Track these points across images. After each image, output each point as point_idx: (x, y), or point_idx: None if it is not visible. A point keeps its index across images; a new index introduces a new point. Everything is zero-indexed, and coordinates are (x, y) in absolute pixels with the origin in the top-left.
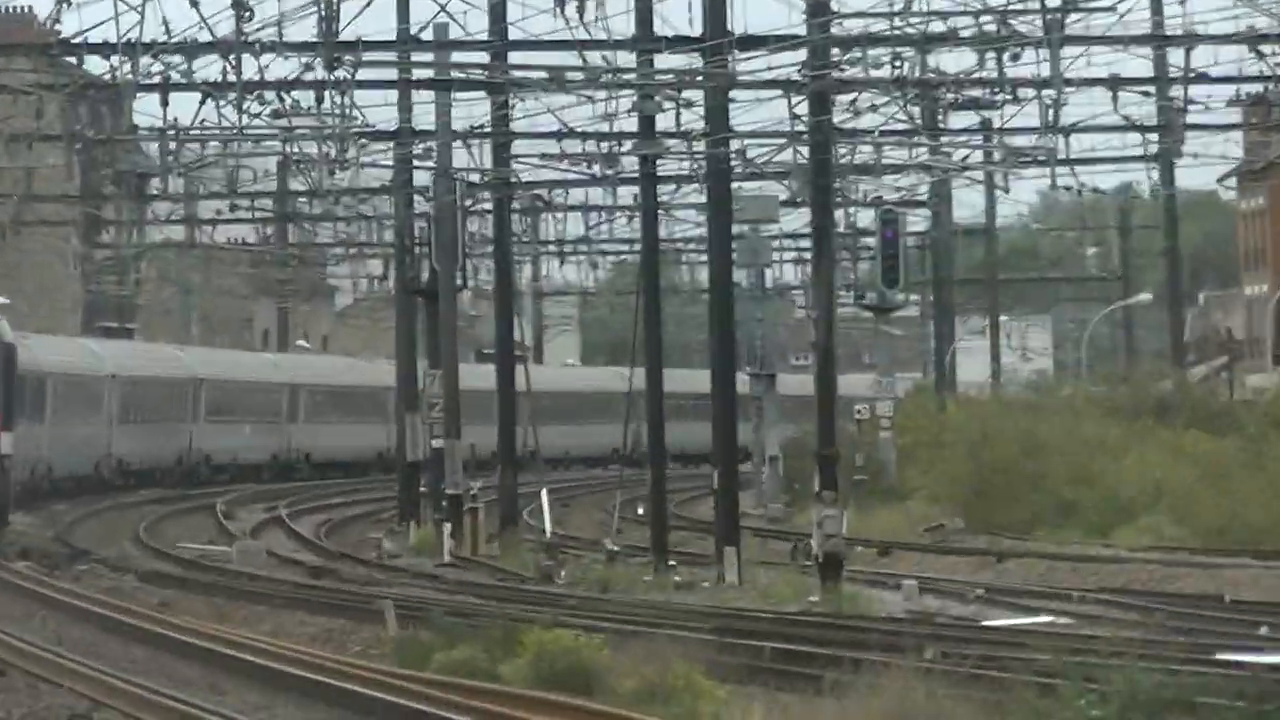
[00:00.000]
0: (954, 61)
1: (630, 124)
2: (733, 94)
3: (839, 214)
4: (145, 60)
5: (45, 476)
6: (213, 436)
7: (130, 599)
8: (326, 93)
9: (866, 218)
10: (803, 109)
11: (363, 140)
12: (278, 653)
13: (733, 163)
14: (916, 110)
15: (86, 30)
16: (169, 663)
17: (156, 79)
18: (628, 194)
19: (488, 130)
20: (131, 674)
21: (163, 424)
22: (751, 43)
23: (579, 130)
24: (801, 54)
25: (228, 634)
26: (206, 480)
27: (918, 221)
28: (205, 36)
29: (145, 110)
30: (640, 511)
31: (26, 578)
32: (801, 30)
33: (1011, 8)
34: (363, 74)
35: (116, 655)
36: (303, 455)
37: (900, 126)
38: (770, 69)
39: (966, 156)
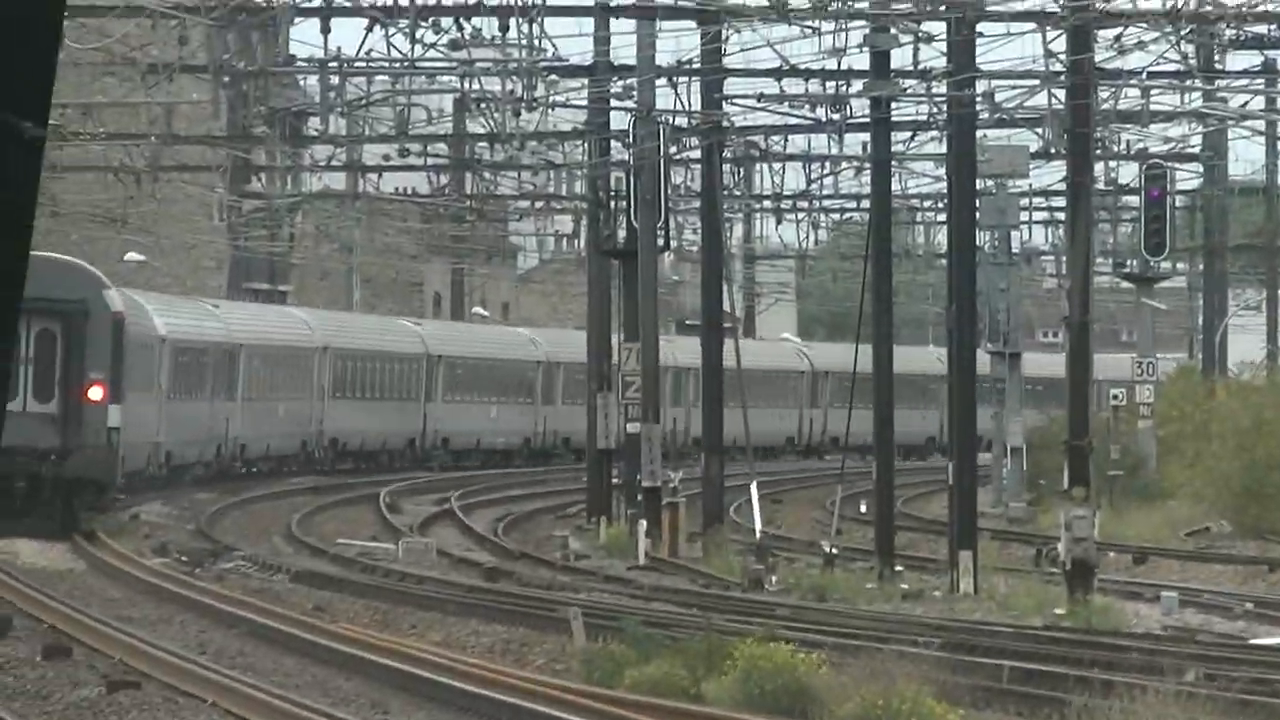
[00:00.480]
0: None
1: (861, 61)
2: (980, 27)
3: (1098, 168)
4: None
5: (235, 456)
6: (452, 418)
7: (281, 602)
8: (512, 20)
9: (1129, 173)
10: (1060, 45)
11: (553, 76)
12: (449, 666)
13: (978, 107)
14: (1191, 49)
15: None
16: (325, 675)
17: (317, 2)
18: (856, 142)
19: (697, 66)
20: (283, 688)
21: (389, 402)
22: None
23: (802, 67)
24: None
25: (392, 643)
26: (447, 465)
27: (1188, 178)
28: None
29: (303, 38)
30: (863, 509)
31: (164, 576)
32: None
33: None
34: None
35: (265, 666)
36: (561, 439)
37: (1171, 67)
38: None
39: (1246, 103)
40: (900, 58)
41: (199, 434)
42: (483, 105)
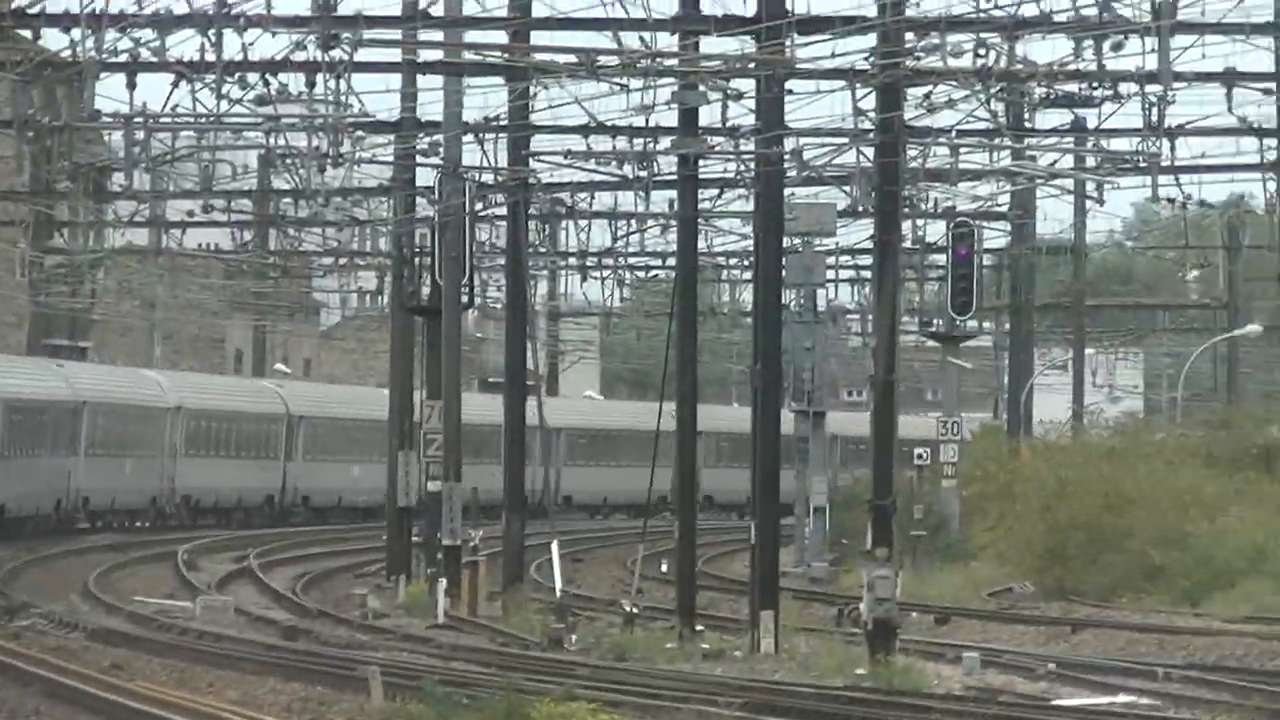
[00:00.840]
0: (1046, 50)
1: (669, 118)
2: (789, 85)
3: (906, 226)
4: (111, 35)
5: (78, 509)
6: (312, 476)
7: (78, 660)
8: (319, 76)
9: (936, 231)
10: (870, 103)
11: (359, 132)
12: None
13: (786, 165)
14: (1000, 107)
15: None
16: None
17: (123, 57)
18: (663, 199)
19: (504, 123)
20: None
21: (246, 460)
22: (813, 25)
23: (610, 124)
24: (871, 39)
25: (188, 702)
26: (305, 521)
27: (996, 236)
28: (181, 8)
29: (109, 93)
30: (664, 568)
31: None
32: (871, 11)
33: None
34: (362, 55)
35: None
36: None
37: (981, 125)
38: (834, 56)
39: (1055, 162)
40: (709, 115)
41: (37, 487)
42: (288, 161)
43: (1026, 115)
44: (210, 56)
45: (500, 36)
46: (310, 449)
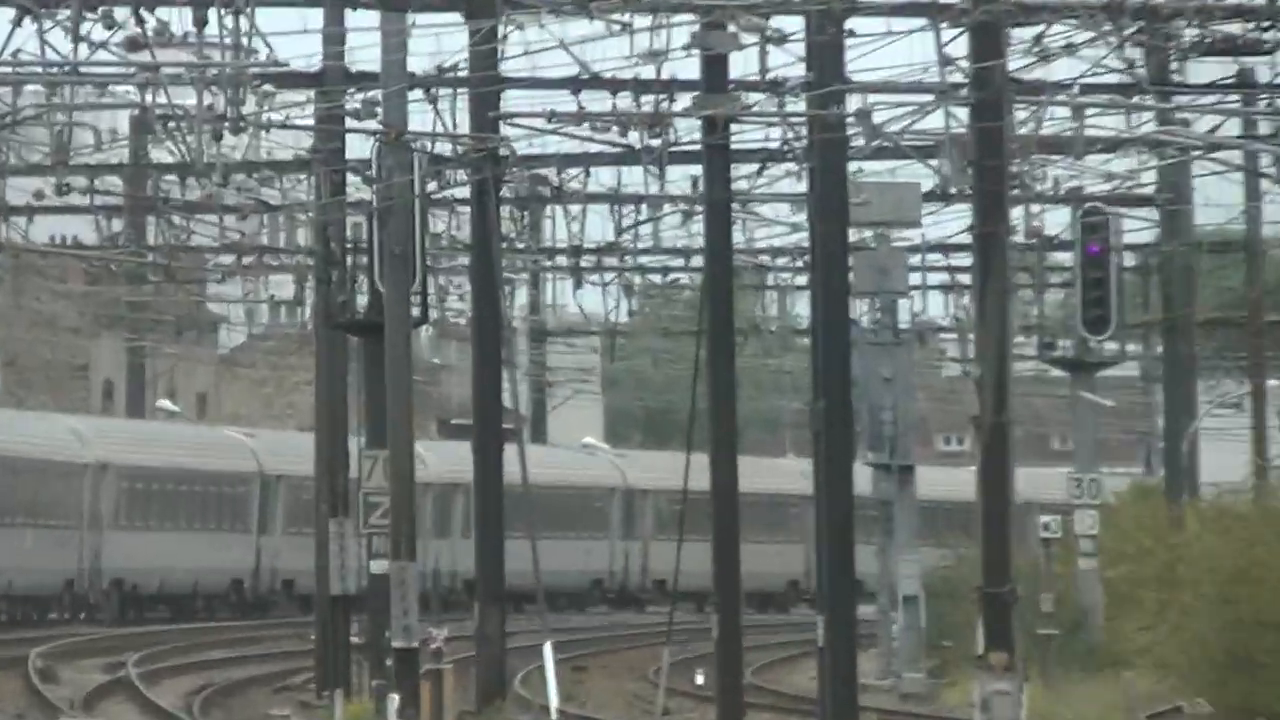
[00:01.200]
0: None
1: (690, 68)
2: (851, 24)
3: (1016, 214)
4: None
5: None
6: (296, 553)
7: None
8: (212, 11)
9: (1058, 222)
10: (961, 49)
11: (267, 86)
12: None
13: (850, 131)
14: (1138, 54)
15: None
16: None
17: None
18: (683, 177)
19: (465, 74)
20: None
21: (204, 533)
22: None
23: (608, 76)
24: None
25: None
26: (297, 611)
27: (1140, 229)
28: None
29: None
30: (700, 680)
31: None
32: None
33: None
34: None
35: None
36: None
37: (1113, 79)
38: None
39: (1215, 128)
40: (743, 64)
41: None
42: (171, 125)
43: (1174, 66)
44: None
45: None
46: (294, 519)
